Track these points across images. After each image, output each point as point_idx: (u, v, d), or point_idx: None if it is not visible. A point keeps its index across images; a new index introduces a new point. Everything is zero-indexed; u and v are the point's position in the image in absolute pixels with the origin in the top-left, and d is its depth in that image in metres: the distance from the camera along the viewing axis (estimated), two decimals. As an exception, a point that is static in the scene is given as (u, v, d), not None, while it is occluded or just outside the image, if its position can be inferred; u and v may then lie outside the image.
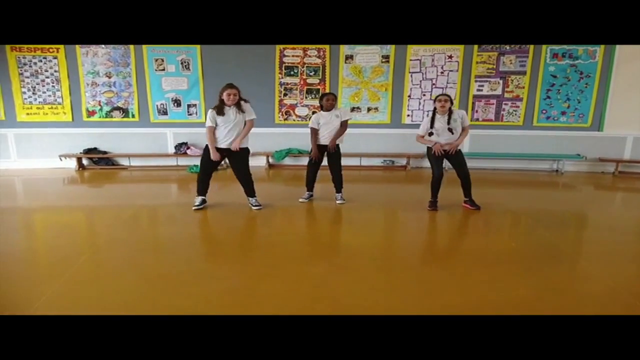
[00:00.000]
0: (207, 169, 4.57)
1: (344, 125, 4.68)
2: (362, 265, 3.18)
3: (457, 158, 4.51)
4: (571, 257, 3.44)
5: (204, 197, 4.67)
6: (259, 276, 2.97)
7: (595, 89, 6.94)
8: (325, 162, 4.87)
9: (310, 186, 4.98)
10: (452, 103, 4.45)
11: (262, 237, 3.93)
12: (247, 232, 4.18)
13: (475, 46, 6.98)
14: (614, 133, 7.11)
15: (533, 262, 3.24)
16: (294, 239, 3.81)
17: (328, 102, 4.66)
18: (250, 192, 4.69)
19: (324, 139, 4.70)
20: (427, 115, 4.62)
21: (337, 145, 4.73)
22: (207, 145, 4.48)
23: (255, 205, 4.65)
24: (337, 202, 4.88)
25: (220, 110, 4.38)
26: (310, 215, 4.66)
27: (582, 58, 6.84)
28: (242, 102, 4.45)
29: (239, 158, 4.54)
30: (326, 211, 4.74)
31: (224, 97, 4.36)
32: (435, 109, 4.45)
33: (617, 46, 6.71)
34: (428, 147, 4.55)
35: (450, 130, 4.39)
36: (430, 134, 4.48)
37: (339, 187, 4.91)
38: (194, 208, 4.61)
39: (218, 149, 4.44)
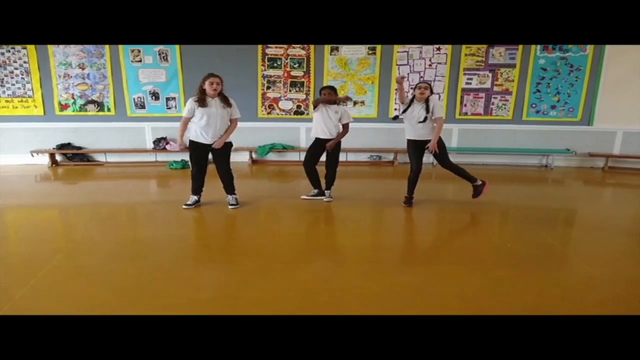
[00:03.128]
0: (198, 164, 4.32)
1: (346, 127, 4.51)
2: (352, 268, 2.98)
3: (440, 154, 4.29)
4: (570, 259, 3.25)
5: (197, 197, 4.45)
6: (243, 283, 2.74)
7: (586, 82, 6.81)
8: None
9: (317, 183, 4.73)
10: (431, 92, 4.26)
11: (247, 239, 3.66)
12: (230, 233, 3.93)
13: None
14: (603, 127, 7.02)
15: (531, 264, 3.06)
16: (280, 240, 3.58)
17: (325, 96, 4.41)
18: (230, 188, 4.46)
19: (318, 132, 4.49)
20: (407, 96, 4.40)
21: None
22: (191, 141, 4.24)
23: (232, 204, 4.42)
24: (325, 199, 4.67)
25: (202, 101, 4.08)
26: (297, 213, 4.41)
27: (573, 50, 6.69)
28: (227, 97, 4.22)
29: (222, 153, 4.30)
30: (313, 209, 4.51)
31: (206, 86, 4.06)
32: (414, 95, 4.24)
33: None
34: (408, 140, 4.38)
35: (425, 119, 4.18)
36: (396, 117, 4.43)
37: (329, 184, 4.68)
38: (184, 207, 4.37)
39: (201, 144, 4.20)
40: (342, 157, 7.13)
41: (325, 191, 4.71)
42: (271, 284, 2.72)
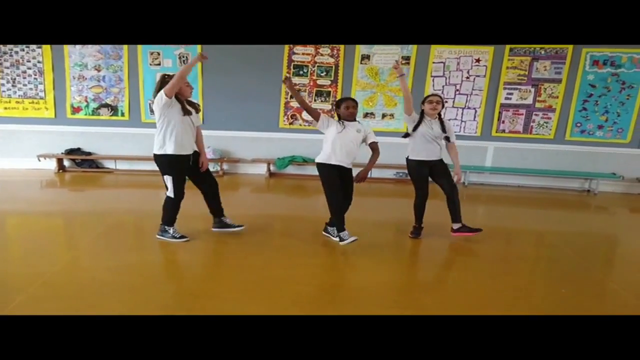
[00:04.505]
0: (183, 184, 3.48)
1: (377, 149, 3.57)
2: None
3: (439, 168, 3.74)
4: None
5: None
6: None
7: (638, 101, 6.27)
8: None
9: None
10: (443, 107, 3.74)
11: (258, 271, 3.05)
12: (238, 262, 3.25)
13: (507, 50, 6.32)
14: (655, 151, 6.45)
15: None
16: (295, 274, 3.04)
17: (348, 110, 3.49)
18: (220, 209, 3.75)
19: (338, 158, 3.48)
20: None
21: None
22: (173, 156, 3.33)
23: (237, 226, 3.75)
24: (343, 243, 3.52)
25: (183, 104, 3.34)
26: (315, 242, 3.78)
27: (626, 66, 6.17)
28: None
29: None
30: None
31: (181, 89, 3.31)
32: (422, 111, 3.68)
33: (664, 55, 6.07)
34: (414, 161, 3.73)
35: (446, 138, 3.69)
36: (406, 135, 3.72)
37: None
38: (179, 240, 3.53)
39: (181, 158, 3.39)
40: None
41: (332, 228, 3.71)
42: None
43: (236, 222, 3.78)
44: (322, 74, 6.58)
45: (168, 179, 3.40)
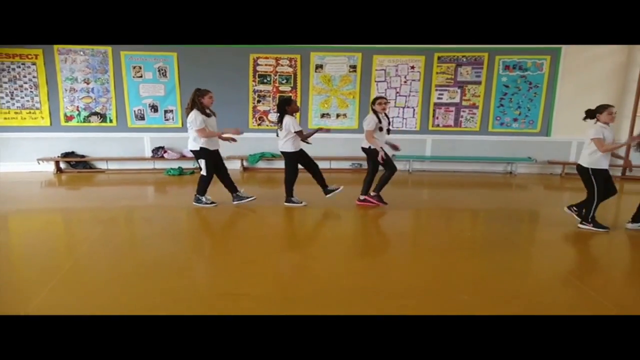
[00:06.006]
0: (215, 167, 4.93)
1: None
2: (335, 254, 3.63)
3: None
4: (520, 245, 3.98)
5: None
6: (240, 264, 3.34)
7: (543, 97, 7.61)
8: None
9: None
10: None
11: (242, 232, 4.34)
12: (226, 229, 4.53)
13: (435, 57, 7.55)
14: (560, 138, 7.79)
15: (486, 249, 3.77)
16: (271, 232, 4.24)
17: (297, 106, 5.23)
18: (233, 186, 5.12)
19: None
20: (370, 114, 4.95)
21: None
22: (206, 150, 4.72)
23: (250, 197, 5.13)
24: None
25: (207, 114, 4.69)
26: (283, 213, 5.02)
27: (531, 70, 7.50)
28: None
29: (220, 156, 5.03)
30: (295, 209, 5.12)
31: (206, 100, 4.66)
32: (376, 109, 4.87)
33: (562, 59, 7.40)
34: (380, 149, 4.85)
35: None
36: (381, 128, 4.89)
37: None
38: (212, 205, 4.96)
39: (212, 151, 4.80)
40: (326, 164, 7.87)
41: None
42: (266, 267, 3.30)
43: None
44: (283, 82, 7.70)
45: (202, 162, 4.74)
